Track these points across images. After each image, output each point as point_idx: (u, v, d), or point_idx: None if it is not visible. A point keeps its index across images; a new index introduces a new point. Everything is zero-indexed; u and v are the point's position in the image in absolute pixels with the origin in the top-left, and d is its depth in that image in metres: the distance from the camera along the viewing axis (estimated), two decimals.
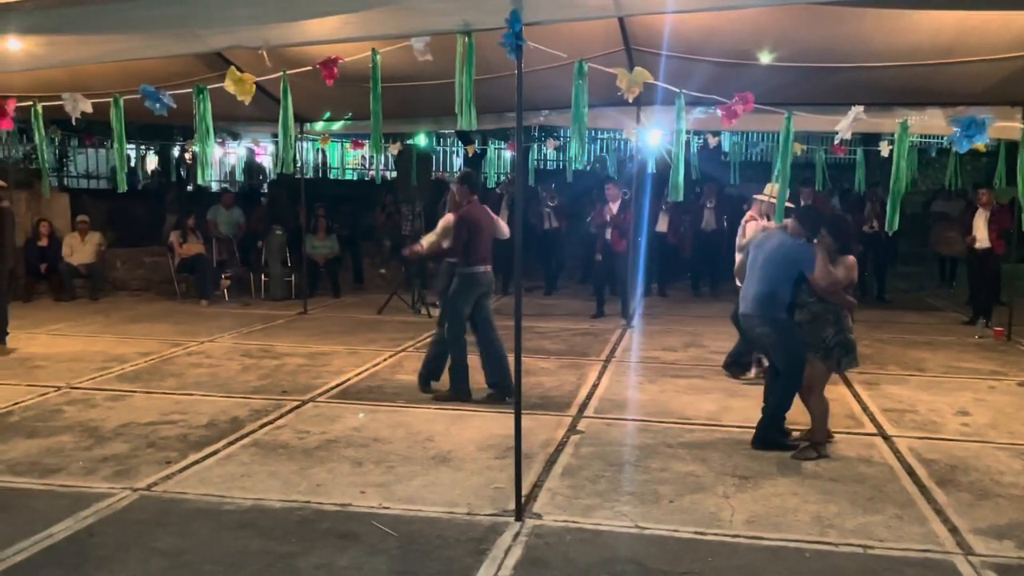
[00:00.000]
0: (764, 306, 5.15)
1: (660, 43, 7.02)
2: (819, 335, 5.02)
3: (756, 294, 5.20)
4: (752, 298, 5.23)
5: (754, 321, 5.26)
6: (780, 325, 5.11)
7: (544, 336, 8.95)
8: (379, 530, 3.99)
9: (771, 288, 5.13)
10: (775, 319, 5.12)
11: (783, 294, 5.10)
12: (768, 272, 5.15)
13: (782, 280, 5.09)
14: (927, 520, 4.17)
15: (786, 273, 5.07)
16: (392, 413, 5.96)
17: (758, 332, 5.28)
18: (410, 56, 4.33)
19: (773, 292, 5.12)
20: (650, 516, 4.18)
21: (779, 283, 5.10)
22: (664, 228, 11.81)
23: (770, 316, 5.14)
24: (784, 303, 5.10)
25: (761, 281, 5.18)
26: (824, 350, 5.02)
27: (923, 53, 6.96)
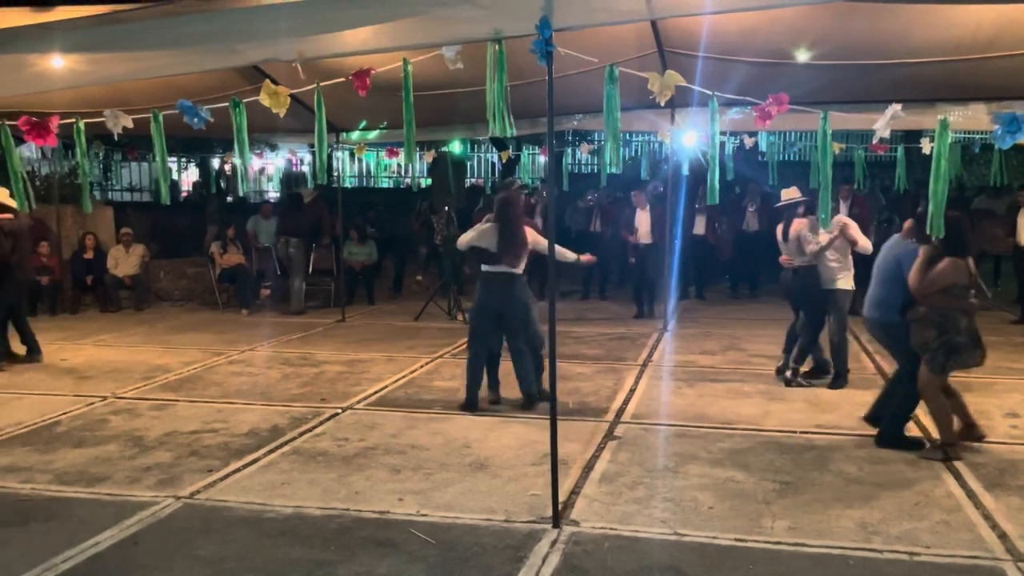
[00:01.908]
0: (878, 309, 5.28)
1: (695, 45, 6.98)
2: (922, 337, 4.96)
3: (871, 297, 5.36)
4: (868, 301, 5.38)
5: (870, 324, 5.43)
6: (892, 328, 5.17)
7: (581, 341, 8.92)
8: (417, 537, 4.00)
9: (883, 291, 5.24)
10: (886, 322, 5.21)
11: (894, 297, 5.13)
12: (881, 275, 5.29)
13: (892, 282, 5.15)
14: (975, 526, 4.07)
15: (895, 275, 5.12)
16: (429, 420, 5.98)
17: (875, 335, 5.44)
18: (442, 64, 4.35)
19: (885, 295, 5.22)
20: (689, 523, 4.14)
21: (889, 286, 5.18)
22: (701, 230, 11.71)
23: (882, 319, 5.25)
24: (895, 306, 5.13)
25: (875, 284, 5.34)
26: (929, 352, 4.94)
27: (964, 48, 6.81)
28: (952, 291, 4.87)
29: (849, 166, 11.02)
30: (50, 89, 6.17)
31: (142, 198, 18.54)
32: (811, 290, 6.77)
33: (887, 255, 5.31)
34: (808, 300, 6.82)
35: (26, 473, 4.96)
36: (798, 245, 6.75)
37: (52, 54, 4.92)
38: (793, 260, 6.83)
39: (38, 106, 7.22)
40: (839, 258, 6.71)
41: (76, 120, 4.94)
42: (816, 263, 6.71)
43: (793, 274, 6.85)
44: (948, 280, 4.84)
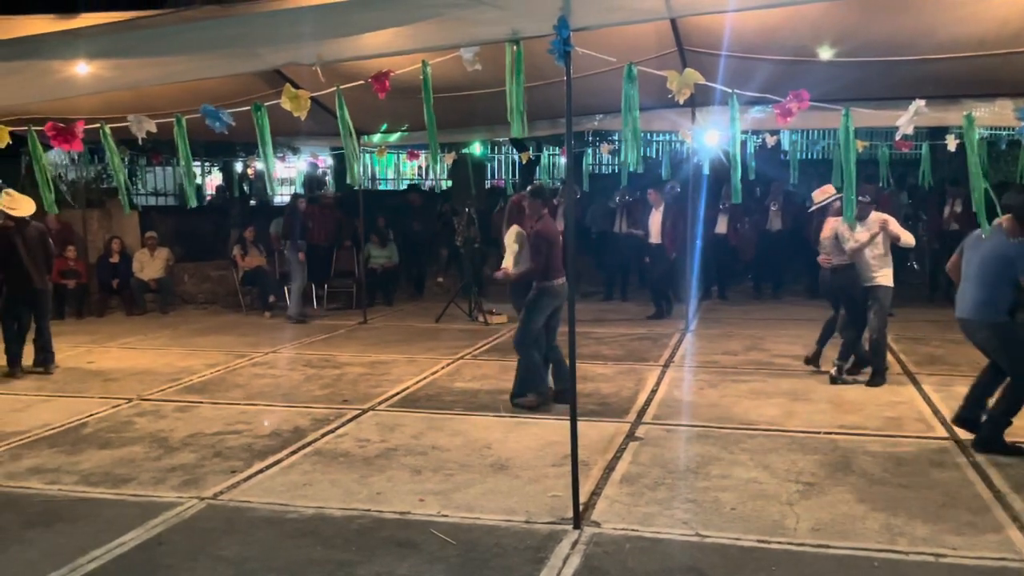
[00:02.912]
0: (982, 310, 5.01)
1: (716, 43, 6.93)
2: None
3: (973, 298, 5.05)
4: (969, 302, 5.08)
5: (972, 326, 5.11)
6: (1001, 329, 4.96)
7: (601, 342, 8.89)
8: (438, 538, 4.01)
9: (988, 292, 4.97)
10: (994, 323, 4.97)
11: (1002, 297, 4.91)
12: (984, 275, 4.99)
13: (999, 282, 4.91)
14: (1003, 527, 4.01)
15: (1003, 274, 4.88)
16: (450, 421, 5.99)
17: (978, 337, 5.12)
18: (461, 66, 4.36)
19: (991, 296, 4.96)
20: (711, 524, 4.11)
21: (996, 285, 4.92)
22: (723, 229, 11.64)
23: (988, 320, 4.99)
24: (1004, 306, 4.91)
25: (977, 285, 5.03)
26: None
27: (989, 43, 6.71)
28: None
29: (873, 164, 10.89)
30: (76, 95, 6.27)
31: (166, 202, 18.74)
32: (851, 289, 6.73)
33: (987, 255, 4.97)
34: (848, 299, 6.79)
35: (53, 474, 5.03)
36: (836, 243, 6.72)
37: (77, 60, 4.98)
38: (831, 259, 6.80)
39: (64, 112, 7.33)
40: (880, 255, 6.69)
41: (102, 125, 5.00)
42: (854, 261, 6.67)
43: (832, 273, 6.81)
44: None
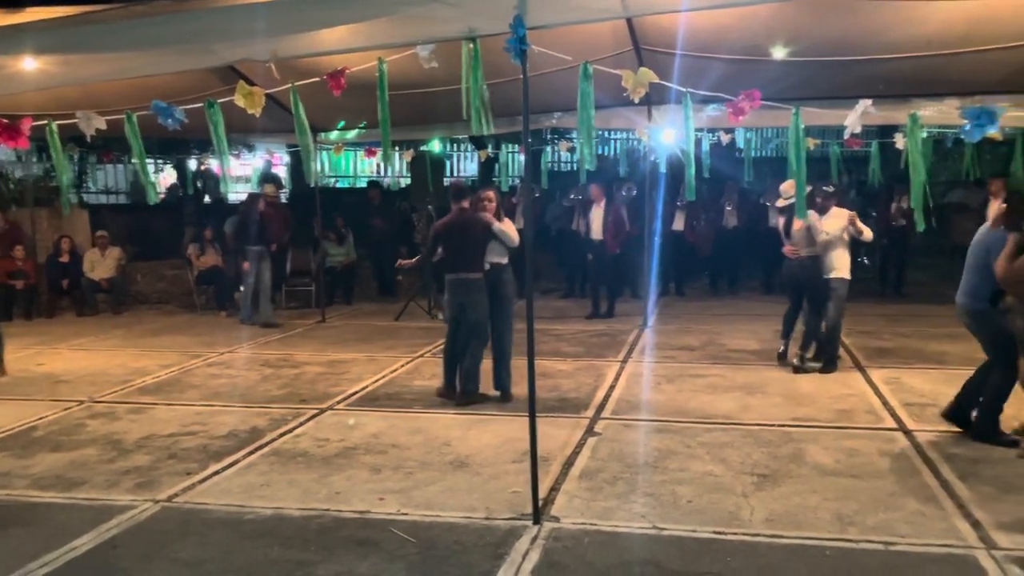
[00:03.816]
0: (967, 297, 5.23)
1: (671, 42, 7.00)
2: (1014, 324, 4.97)
3: (962, 285, 5.30)
4: (960, 290, 5.33)
5: (960, 312, 5.34)
6: (981, 316, 5.15)
7: (561, 338, 8.94)
8: (398, 536, 4.00)
9: (973, 279, 5.18)
10: (976, 310, 5.17)
11: (983, 285, 5.08)
12: (971, 263, 5.23)
13: (982, 270, 5.08)
14: (949, 515, 4.13)
15: (985, 263, 5.04)
16: (410, 419, 5.98)
17: (964, 323, 5.36)
18: (418, 63, 4.35)
19: (975, 283, 5.16)
20: (669, 517, 4.17)
21: (980, 273, 5.11)
22: (680, 226, 11.77)
23: (972, 307, 5.20)
24: (985, 294, 5.08)
25: (967, 273, 5.27)
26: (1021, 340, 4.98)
27: (937, 43, 6.89)
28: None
29: (825, 161, 11.11)
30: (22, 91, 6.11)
31: (118, 200, 18.37)
32: (817, 279, 7.06)
33: (975, 244, 5.23)
34: (814, 289, 7.10)
35: (3, 479, 4.91)
36: (807, 235, 6.97)
37: (23, 55, 4.87)
38: (800, 251, 7.05)
39: (10, 108, 7.13)
40: (840, 249, 7.01)
41: (48, 122, 4.89)
42: (821, 253, 6.97)
43: (800, 265, 7.11)
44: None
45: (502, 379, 6.45)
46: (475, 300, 6.35)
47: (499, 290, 6.40)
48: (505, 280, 6.43)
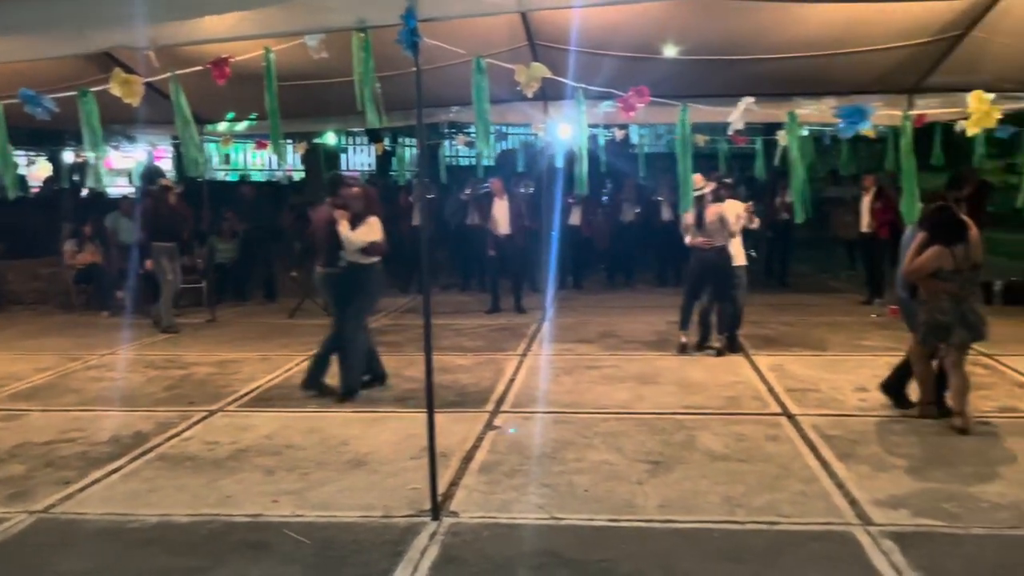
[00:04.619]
0: (898, 286, 5.84)
1: (565, 38, 7.08)
2: (919, 313, 5.48)
3: (896, 276, 5.90)
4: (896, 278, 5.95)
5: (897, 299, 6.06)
6: (902, 304, 5.83)
7: (461, 333, 8.93)
8: (292, 539, 3.91)
9: (898, 271, 5.74)
10: (898, 298, 5.89)
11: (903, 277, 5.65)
12: (901, 258, 5.71)
13: (902, 264, 5.61)
14: (829, 494, 4.34)
15: (904, 258, 5.59)
16: (305, 419, 5.85)
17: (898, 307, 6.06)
18: (309, 54, 4.24)
19: (899, 275, 5.72)
20: (566, 507, 4.23)
21: (901, 267, 5.63)
22: (577, 221, 11.94)
23: (898, 296, 5.88)
24: (906, 284, 5.65)
25: (898, 263, 5.80)
26: (916, 325, 5.52)
27: (816, 45, 7.23)
28: (939, 275, 5.28)
29: (714, 158, 11.48)
30: None
31: None
32: (728, 267, 7.54)
33: (905, 238, 5.73)
34: (726, 276, 7.55)
35: None
36: (720, 226, 7.36)
37: None
38: (713, 241, 7.42)
39: None
40: (738, 238, 7.61)
41: None
42: (727, 243, 7.46)
43: (713, 254, 7.49)
44: (933, 265, 5.25)
45: (340, 377, 6.35)
46: (330, 296, 6.36)
47: (356, 289, 6.24)
48: (362, 279, 6.23)
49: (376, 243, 6.15)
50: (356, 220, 6.13)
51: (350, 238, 6.09)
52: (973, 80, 5.84)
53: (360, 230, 6.10)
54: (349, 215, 6.12)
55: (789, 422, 5.59)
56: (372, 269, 6.24)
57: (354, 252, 6.14)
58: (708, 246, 7.48)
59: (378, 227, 6.19)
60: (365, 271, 6.21)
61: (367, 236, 6.11)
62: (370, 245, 6.12)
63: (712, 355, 7.57)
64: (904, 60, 7.59)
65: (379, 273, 6.33)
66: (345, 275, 6.21)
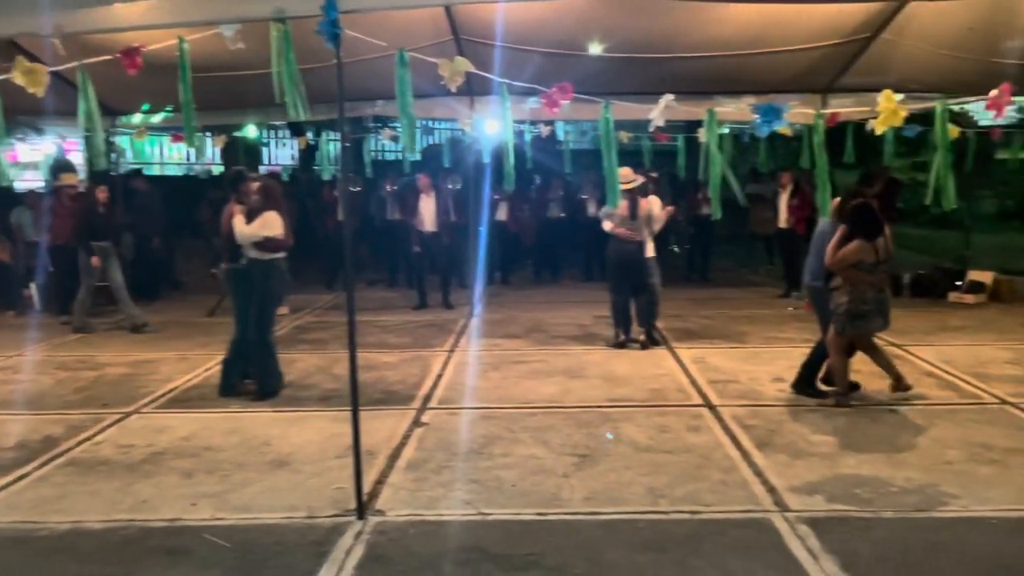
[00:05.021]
0: (809, 276, 6.03)
1: (490, 33, 7.08)
2: (836, 302, 5.66)
3: (808, 265, 6.08)
4: (807, 268, 6.11)
5: (806, 288, 6.21)
6: (816, 292, 5.96)
7: (387, 330, 8.85)
8: (212, 542, 3.80)
9: (813, 262, 5.94)
10: (811, 286, 6.01)
11: (818, 266, 5.83)
12: (814, 248, 5.97)
13: (818, 254, 5.83)
14: (748, 483, 4.46)
15: (819, 249, 5.79)
16: (226, 419, 5.70)
17: (808, 295, 6.22)
18: (226, 44, 4.12)
19: (814, 265, 5.91)
20: (493, 502, 4.23)
21: (817, 257, 5.85)
22: (504, 217, 11.97)
23: (811, 284, 6.00)
24: (819, 274, 5.84)
25: (810, 255, 6.04)
26: (836, 315, 5.67)
27: (735, 44, 7.40)
28: (861, 267, 5.54)
29: (638, 154, 11.65)
30: None
31: None
32: (647, 260, 7.71)
33: (819, 232, 5.92)
34: (647, 269, 7.70)
35: None
36: (649, 219, 7.56)
37: None
38: (637, 235, 7.58)
39: None
40: None
41: None
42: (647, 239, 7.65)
43: (637, 247, 7.63)
44: (855, 258, 5.51)
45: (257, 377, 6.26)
46: (232, 292, 6.30)
47: (256, 286, 6.12)
48: (262, 276, 6.10)
49: (272, 239, 6.00)
50: (253, 215, 6.01)
51: (242, 232, 5.98)
52: (882, 81, 6.08)
53: (254, 224, 5.98)
54: (245, 210, 6.03)
55: (710, 413, 5.72)
56: (272, 266, 6.11)
57: (252, 248, 6.03)
58: (632, 239, 7.59)
59: (276, 222, 6.04)
60: (265, 268, 6.08)
61: (259, 231, 5.97)
62: (264, 240, 5.98)
63: (637, 348, 7.68)
64: (818, 61, 7.84)
65: (279, 270, 6.17)
66: (246, 271, 6.11)
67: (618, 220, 7.60)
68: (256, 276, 6.08)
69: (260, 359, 6.21)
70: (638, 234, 7.59)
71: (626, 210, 7.53)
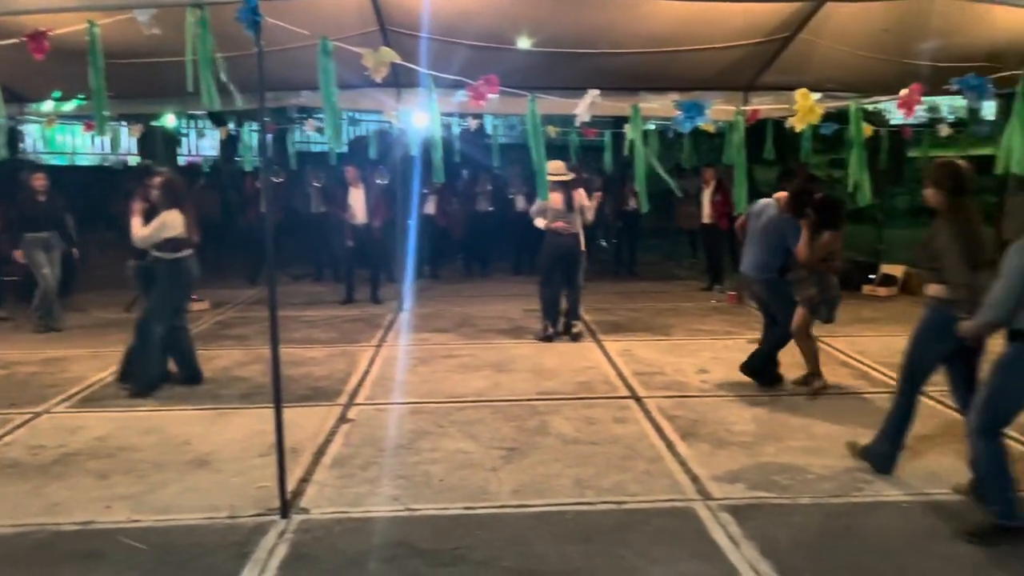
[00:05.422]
0: (760, 269, 6.08)
1: (417, 25, 7.00)
2: (807, 294, 5.84)
3: (754, 259, 6.12)
4: (751, 262, 6.16)
5: (751, 281, 6.24)
6: (772, 284, 6.06)
7: (313, 325, 8.71)
8: (129, 546, 3.68)
9: (767, 256, 6.02)
10: (768, 280, 6.06)
11: (774, 259, 6.00)
12: (765, 241, 6.02)
13: (774, 248, 5.96)
14: (672, 472, 4.55)
15: (778, 243, 5.93)
16: (143, 418, 5.52)
17: (755, 289, 6.26)
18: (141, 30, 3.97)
19: (769, 259, 6.02)
20: (421, 497, 4.20)
21: (772, 251, 5.98)
22: (432, 211, 11.90)
23: (764, 277, 6.07)
24: (775, 266, 6.01)
25: (759, 248, 6.09)
26: (813, 305, 5.88)
27: (660, 41, 7.50)
28: (828, 258, 5.80)
29: (566, 149, 11.71)
30: None
31: None
32: (580, 252, 7.83)
33: (767, 226, 6.00)
34: (578, 261, 7.80)
35: None
36: (582, 211, 7.69)
37: None
38: (572, 227, 7.68)
39: None
40: None
41: None
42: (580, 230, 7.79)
43: (574, 239, 7.72)
44: (828, 249, 5.76)
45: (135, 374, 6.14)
46: (139, 289, 6.24)
47: (160, 283, 6.03)
48: (162, 274, 6.00)
49: (173, 240, 5.90)
50: (152, 214, 5.88)
51: (135, 234, 5.86)
52: (801, 79, 6.25)
53: (150, 226, 5.85)
54: (144, 209, 5.89)
55: (637, 404, 5.81)
56: (174, 264, 5.98)
57: (150, 245, 5.92)
58: (567, 231, 7.65)
59: (176, 222, 5.91)
60: (168, 266, 5.97)
61: (157, 232, 5.85)
62: (163, 242, 5.88)
63: (568, 340, 7.74)
64: (740, 59, 8.01)
65: (179, 269, 6.02)
66: (150, 268, 5.99)
67: (552, 214, 7.63)
68: (159, 274, 5.97)
69: (141, 355, 6.06)
70: (574, 226, 7.66)
71: (561, 203, 7.58)
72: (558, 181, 7.49)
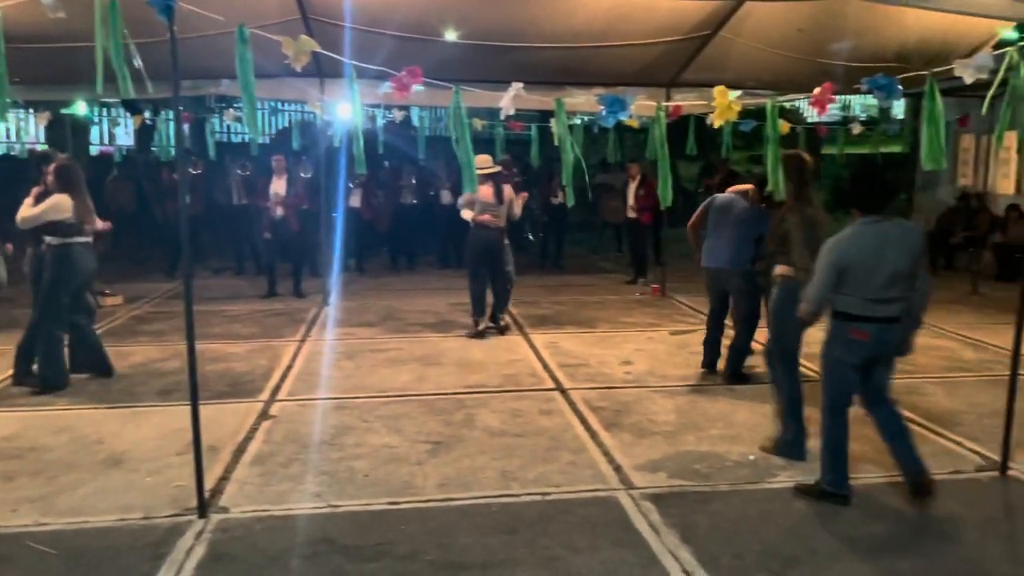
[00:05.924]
0: (734, 261, 6.03)
1: (340, 14, 6.89)
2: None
3: (728, 253, 6.08)
4: (724, 256, 6.11)
5: (726, 274, 6.17)
6: (748, 275, 5.95)
7: (234, 319, 8.50)
8: (36, 550, 3.53)
9: (738, 247, 5.98)
10: (743, 272, 5.98)
11: (747, 252, 5.91)
12: (738, 234, 5.98)
13: (747, 241, 5.90)
14: (596, 463, 4.61)
15: (750, 234, 5.87)
16: (53, 417, 5.30)
17: (731, 284, 6.17)
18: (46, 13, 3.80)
19: (740, 251, 5.96)
20: (344, 493, 4.16)
21: (744, 242, 5.92)
22: (357, 203, 11.75)
23: (739, 269, 6.01)
24: (748, 257, 5.90)
25: (731, 242, 6.04)
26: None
27: (584, 36, 7.56)
28: None
29: (491, 142, 11.73)
30: None
31: None
32: (504, 247, 7.81)
33: (739, 217, 5.99)
34: (502, 255, 7.79)
35: None
36: (511, 205, 7.70)
37: None
38: (499, 221, 7.67)
39: None
40: None
41: None
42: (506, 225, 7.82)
43: (500, 233, 7.71)
44: None
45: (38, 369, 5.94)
46: (30, 278, 6.04)
47: (49, 270, 5.83)
48: (52, 261, 5.81)
49: (59, 223, 5.72)
50: (43, 196, 5.75)
51: (21, 214, 5.72)
52: (721, 77, 6.40)
53: (38, 207, 5.71)
54: (38, 192, 5.76)
55: (562, 396, 5.86)
56: (62, 250, 5.80)
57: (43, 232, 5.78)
58: (494, 224, 7.65)
59: (64, 205, 5.73)
60: (57, 251, 5.79)
61: (42, 214, 5.69)
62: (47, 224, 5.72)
63: (496, 334, 7.75)
64: (662, 55, 8.15)
65: (67, 256, 5.81)
66: (42, 256, 5.81)
67: (480, 207, 7.62)
68: (48, 260, 5.77)
69: (43, 348, 5.84)
70: (501, 219, 7.66)
71: (491, 196, 7.57)
72: (487, 174, 7.48)
